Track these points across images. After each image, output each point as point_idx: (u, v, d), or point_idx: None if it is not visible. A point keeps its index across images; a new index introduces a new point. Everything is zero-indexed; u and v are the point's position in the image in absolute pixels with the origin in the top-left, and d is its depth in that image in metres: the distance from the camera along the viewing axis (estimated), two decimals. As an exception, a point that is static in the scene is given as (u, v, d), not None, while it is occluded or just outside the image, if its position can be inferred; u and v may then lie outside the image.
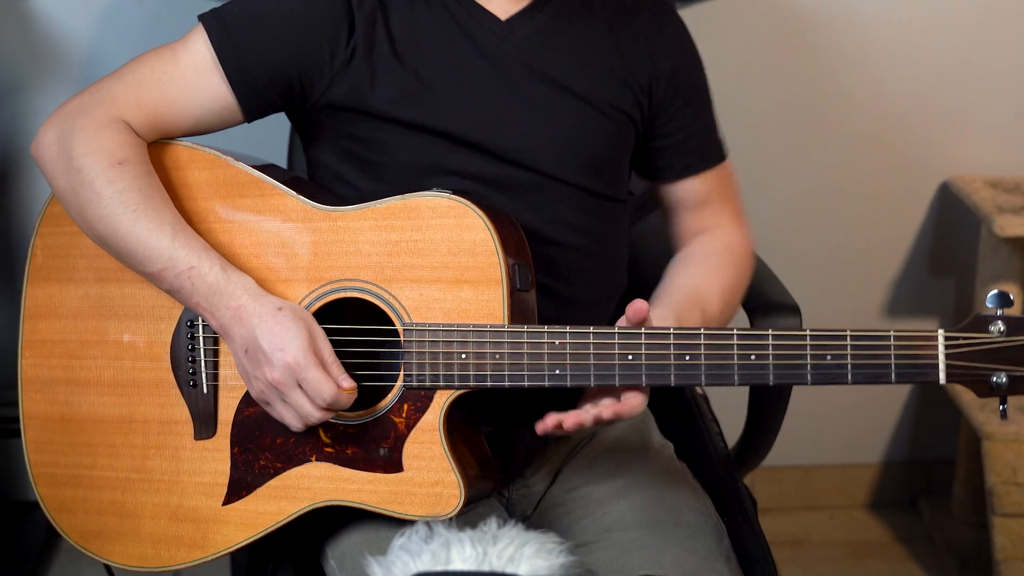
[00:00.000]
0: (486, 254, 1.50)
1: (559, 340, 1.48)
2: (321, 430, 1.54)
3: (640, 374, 1.47)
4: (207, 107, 1.60)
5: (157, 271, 1.53)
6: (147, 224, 1.53)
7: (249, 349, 1.49)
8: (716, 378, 1.45)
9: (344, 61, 1.58)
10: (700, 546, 1.59)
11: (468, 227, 1.50)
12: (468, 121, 1.59)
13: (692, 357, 1.46)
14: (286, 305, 1.51)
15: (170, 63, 1.60)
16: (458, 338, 1.50)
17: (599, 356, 1.47)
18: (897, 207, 2.65)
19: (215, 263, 1.53)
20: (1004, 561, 2.43)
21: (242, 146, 1.67)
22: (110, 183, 1.54)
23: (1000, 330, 1.41)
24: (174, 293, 1.54)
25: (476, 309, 1.50)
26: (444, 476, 1.50)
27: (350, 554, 1.57)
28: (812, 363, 1.43)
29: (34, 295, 1.67)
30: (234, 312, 1.50)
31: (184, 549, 1.60)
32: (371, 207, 1.54)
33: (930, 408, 2.82)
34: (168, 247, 1.52)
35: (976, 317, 1.43)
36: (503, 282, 1.49)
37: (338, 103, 1.60)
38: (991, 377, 1.42)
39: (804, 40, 2.51)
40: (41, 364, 1.66)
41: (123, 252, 1.56)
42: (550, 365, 1.48)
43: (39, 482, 1.66)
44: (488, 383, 1.49)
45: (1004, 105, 2.58)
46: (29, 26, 2.36)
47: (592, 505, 1.67)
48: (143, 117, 1.59)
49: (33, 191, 2.46)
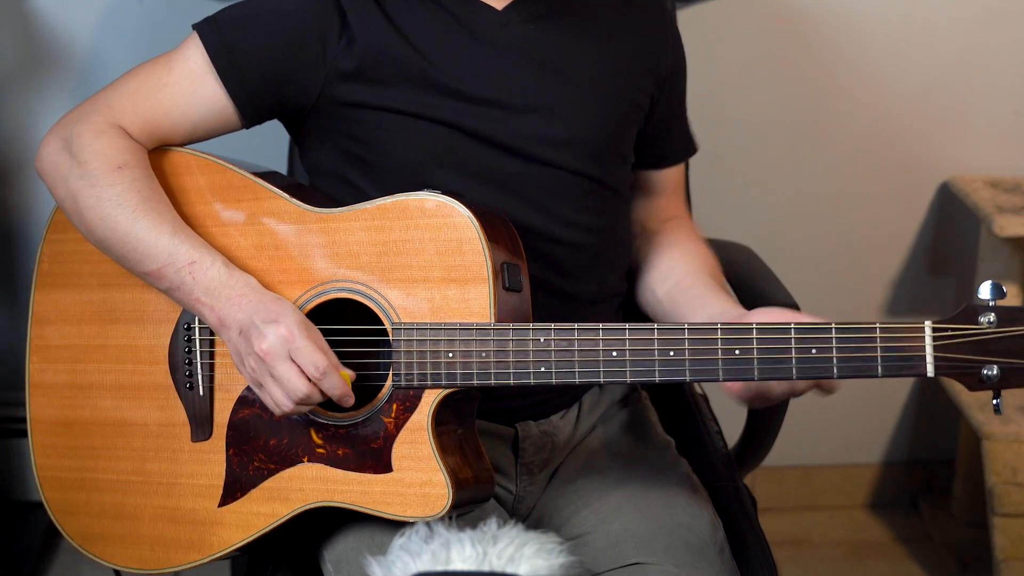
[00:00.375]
0: (473, 253, 1.50)
1: (544, 337, 1.48)
2: (313, 431, 1.55)
3: (625, 370, 1.47)
4: (203, 112, 1.61)
5: (157, 268, 1.54)
6: (146, 223, 1.53)
7: (243, 329, 1.50)
8: (700, 373, 1.45)
9: (338, 55, 1.59)
10: (695, 536, 1.60)
11: (456, 226, 1.51)
12: (470, 111, 1.60)
13: (676, 352, 1.45)
14: (285, 300, 1.52)
15: (165, 71, 1.61)
16: (445, 337, 1.50)
17: (583, 353, 1.47)
18: (897, 207, 2.65)
19: (217, 259, 1.53)
20: (1004, 561, 2.43)
21: (243, 154, 1.67)
22: (109, 186, 1.54)
23: (991, 321, 1.37)
24: (174, 290, 1.55)
25: (463, 308, 1.50)
26: (432, 476, 1.50)
27: (346, 557, 1.57)
28: (797, 356, 1.42)
29: (41, 301, 1.68)
30: (235, 300, 1.51)
31: (182, 551, 1.60)
32: (362, 208, 1.54)
33: (930, 408, 2.82)
34: (168, 244, 1.53)
35: (966, 308, 1.39)
36: (489, 280, 1.50)
37: (336, 98, 1.60)
38: (982, 369, 1.37)
39: (804, 40, 2.51)
40: (47, 369, 1.67)
41: (123, 253, 1.56)
42: (535, 363, 1.48)
43: (45, 486, 1.67)
44: (475, 381, 1.49)
45: (1004, 105, 2.58)
46: (29, 26, 2.36)
47: (590, 497, 1.67)
48: (140, 125, 1.60)
49: (33, 191, 2.46)
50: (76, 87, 2.38)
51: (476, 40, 1.61)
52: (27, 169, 2.44)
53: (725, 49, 2.49)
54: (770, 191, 2.62)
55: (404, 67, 1.59)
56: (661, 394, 1.94)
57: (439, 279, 1.51)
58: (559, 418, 1.73)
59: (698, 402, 1.98)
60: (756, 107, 2.55)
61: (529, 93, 1.62)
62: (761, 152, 2.59)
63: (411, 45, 1.59)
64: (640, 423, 1.80)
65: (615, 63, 1.66)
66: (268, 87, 1.60)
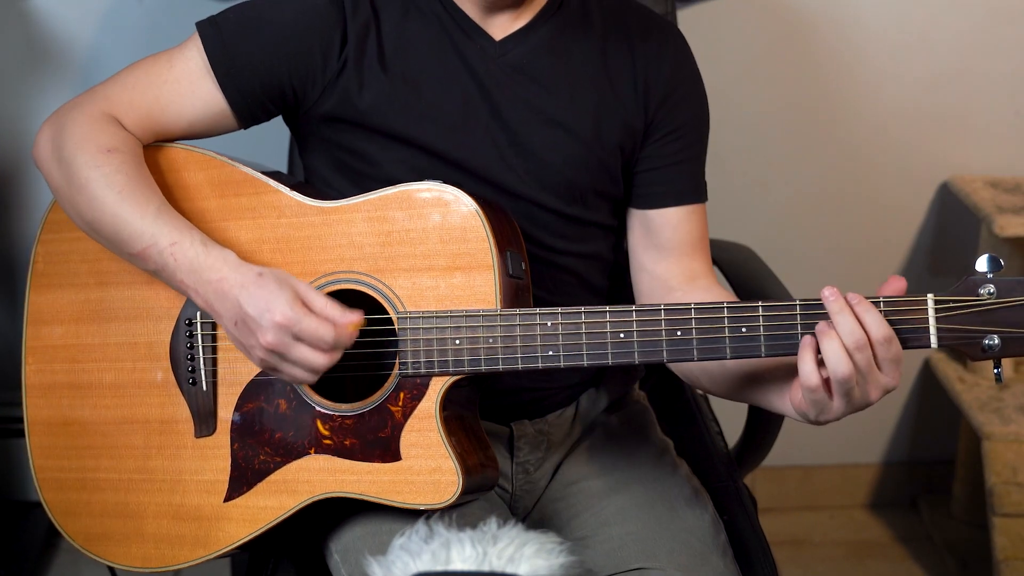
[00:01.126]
0: (477, 240, 1.51)
1: (551, 321, 1.48)
2: (319, 422, 1.55)
3: (633, 351, 1.47)
4: (200, 112, 1.61)
5: (142, 250, 1.53)
6: (132, 205, 1.53)
7: (238, 320, 1.49)
8: (708, 352, 1.45)
9: (336, 71, 1.59)
10: (696, 540, 1.60)
11: (459, 214, 1.51)
12: (449, 140, 1.60)
13: (683, 332, 1.46)
14: (267, 270, 1.49)
15: (165, 68, 1.61)
16: (451, 324, 1.51)
17: (591, 335, 1.48)
18: (897, 207, 2.65)
19: (196, 239, 1.53)
20: (1004, 561, 2.43)
21: (244, 151, 1.67)
22: (97, 167, 1.55)
23: (991, 292, 1.41)
24: (160, 272, 1.54)
25: (469, 295, 1.51)
26: (442, 463, 1.50)
27: (353, 547, 1.57)
28: (803, 332, 1.43)
29: (36, 302, 1.68)
30: (216, 286, 1.50)
31: (187, 548, 1.60)
32: (363, 199, 1.55)
33: (930, 408, 2.82)
34: (151, 225, 1.53)
35: (966, 281, 1.42)
36: (494, 267, 1.50)
37: (329, 113, 1.61)
38: (983, 340, 1.41)
39: (804, 40, 2.52)
40: (44, 370, 1.67)
41: (110, 235, 1.56)
42: (543, 347, 1.49)
43: (44, 487, 1.67)
44: (483, 367, 1.50)
45: (1004, 105, 2.58)
46: (29, 26, 2.36)
47: (591, 499, 1.67)
48: (135, 118, 1.60)
49: (33, 189, 2.46)
50: (76, 87, 2.38)
51: (466, 69, 1.61)
52: (27, 169, 2.44)
53: (725, 49, 2.49)
54: (770, 191, 2.62)
55: (393, 95, 1.59)
56: (661, 394, 1.95)
57: (443, 267, 1.52)
58: (555, 417, 1.73)
59: (698, 402, 1.98)
60: (756, 107, 2.55)
61: (507, 129, 1.61)
62: (761, 152, 2.59)
63: (402, 70, 1.59)
64: (639, 424, 1.80)
65: (599, 102, 1.64)
66: (266, 93, 1.61)
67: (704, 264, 1.70)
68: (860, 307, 1.40)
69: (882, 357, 1.40)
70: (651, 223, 1.69)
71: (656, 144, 1.67)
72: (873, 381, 1.41)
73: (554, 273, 1.66)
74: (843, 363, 1.38)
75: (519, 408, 1.70)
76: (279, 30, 1.59)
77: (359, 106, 1.59)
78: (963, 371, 2.65)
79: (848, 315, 1.39)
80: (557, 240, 1.65)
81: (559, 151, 1.63)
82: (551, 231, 1.65)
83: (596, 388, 1.78)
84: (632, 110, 1.65)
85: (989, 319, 1.41)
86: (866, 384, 1.41)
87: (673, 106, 1.66)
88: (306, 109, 1.62)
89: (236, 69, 1.59)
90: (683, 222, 1.68)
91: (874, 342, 1.39)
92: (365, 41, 1.59)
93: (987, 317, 1.41)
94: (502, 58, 1.62)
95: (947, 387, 2.64)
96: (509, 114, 1.61)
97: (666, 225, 1.68)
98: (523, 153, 1.62)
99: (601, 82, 1.64)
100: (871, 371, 1.40)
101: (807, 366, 1.41)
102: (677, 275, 1.68)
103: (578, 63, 1.64)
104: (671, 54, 1.67)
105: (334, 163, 1.64)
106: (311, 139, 1.66)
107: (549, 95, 1.62)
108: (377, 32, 1.60)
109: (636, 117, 1.65)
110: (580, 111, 1.63)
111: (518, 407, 1.70)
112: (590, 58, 1.64)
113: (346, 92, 1.59)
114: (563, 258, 1.66)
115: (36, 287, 1.68)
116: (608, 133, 1.64)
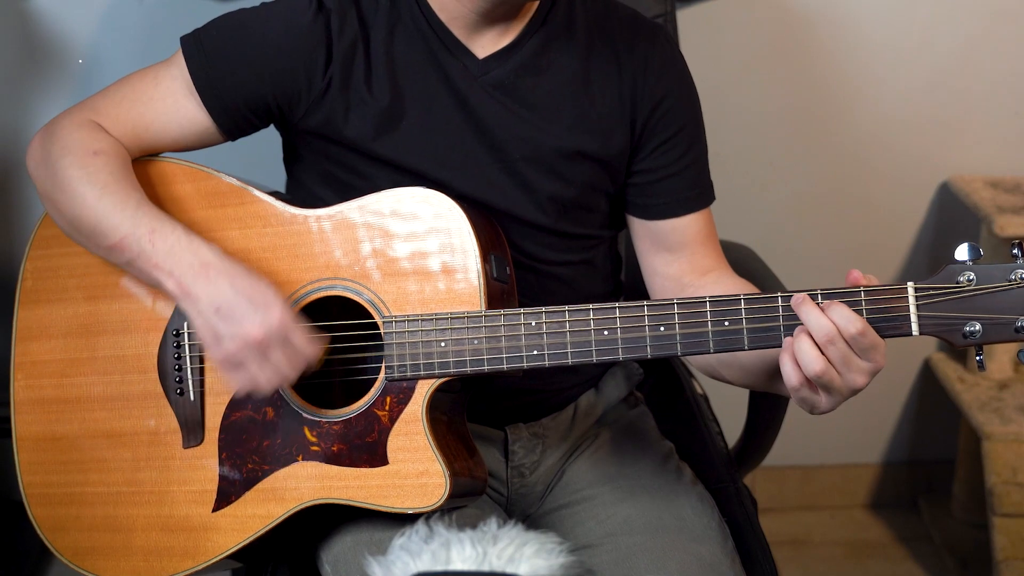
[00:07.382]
0: (461, 243, 1.51)
1: (535, 321, 1.49)
2: (306, 429, 1.55)
3: (616, 348, 1.48)
4: (186, 129, 1.62)
5: (120, 239, 1.54)
6: (112, 200, 1.55)
7: (223, 307, 1.49)
8: (692, 346, 1.46)
9: (321, 91, 1.59)
10: (705, 550, 1.60)
11: (442, 218, 1.52)
12: (432, 160, 1.60)
13: (667, 328, 1.46)
14: (263, 279, 1.52)
15: (151, 85, 1.62)
16: (436, 326, 1.51)
17: (575, 334, 1.48)
18: (897, 207, 2.65)
19: (178, 228, 1.54)
20: (1004, 561, 2.43)
21: (238, 163, 1.68)
22: (82, 167, 1.56)
23: (971, 279, 1.42)
24: (135, 260, 1.54)
25: (454, 298, 1.52)
26: (429, 466, 1.50)
27: (343, 557, 1.57)
28: (785, 324, 1.44)
29: (25, 318, 1.68)
30: (200, 269, 1.51)
31: (176, 559, 1.60)
32: (348, 205, 1.56)
33: (930, 408, 2.82)
34: (131, 216, 1.54)
35: (947, 269, 1.43)
36: (478, 269, 1.50)
37: (315, 131, 1.61)
38: (964, 326, 1.42)
39: (804, 40, 2.51)
40: (33, 385, 1.67)
41: (89, 229, 1.56)
42: (528, 346, 1.49)
43: (32, 503, 1.67)
44: (468, 369, 1.50)
45: (1004, 105, 2.58)
46: (29, 26, 2.36)
47: (596, 508, 1.67)
48: (122, 131, 1.61)
49: (30, 194, 2.46)
50: (76, 87, 2.38)
51: (449, 88, 1.60)
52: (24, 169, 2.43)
53: (725, 49, 2.49)
54: (770, 191, 2.62)
55: (377, 116, 1.59)
56: (660, 394, 1.95)
57: (428, 271, 1.52)
58: (550, 419, 1.72)
59: (698, 402, 1.98)
60: (756, 107, 2.55)
61: (490, 148, 1.61)
62: (761, 152, 2.58)
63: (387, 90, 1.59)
64: (641, 429, 1.79)
65: (581, 120, 1.63)
66: (250, 108, 1.62)
67: (714, 257, 1.71)
68: (827, 305, 1.42)
69: (859, 347, 1.41)
70: (656, 230, 1.69)
71: (651, 156, 1.66)
72: (855, 369, 1.41)
73: (543, 282, 1.66)
74: (814, 360, 1.40)
75: (515, 411, 1.71)
76: (263, 49, 1.59)
77: (345, 132, 1.60)
78: (963, 371, 2.65)
79: (815, 313, 1.41)
80: (545, 251, 1.65)
81: (541, 169, 1.62)
82: (538, 243, 1.65)
83: (595, 390, 1.78)
84: (616, 126, 1.64)
85: (970, 306, 1.42)
86: (848, 373, 1.41)
87: (663, 115, 1.65)
88: (292, 123, 1.63)
89: (219, 88, 1.60)
90: (689, 225, 1.69)
91: (845, 334, 1.40)
92: (352, 62, 1.59)
93: (967, 304, 1.42)
94: (484, 77, 1.61)
95: (947, 387, 2.64)
96: (493, 133, 1.61)
97: (672, 231, 1.69)
98: (507, 171, 1.62)
99: (583, 99, 1.63)
100: (848, 361, 1.41)
101: (786, 367, 1.43)
102: (688, 272, 1.69)
103: (560, 81, 1.63)
104: (657, 64, 1.66)
105: (323, 176, 1.65)
106: (300, 151, 1.67)
107: (531, 113, 1.62)
108: (365, 52, 1.60)
109: (621, 132, 1.64)
110: (562, 129, 1.62)
111: (514, 410, 1.70)
112: (573, 74, 1.63)
113: (332, 113, 1.59)
114: (552, 267, 1.66)
115: (25, 303, 1.68)
116: (591, 150, 1.63)
